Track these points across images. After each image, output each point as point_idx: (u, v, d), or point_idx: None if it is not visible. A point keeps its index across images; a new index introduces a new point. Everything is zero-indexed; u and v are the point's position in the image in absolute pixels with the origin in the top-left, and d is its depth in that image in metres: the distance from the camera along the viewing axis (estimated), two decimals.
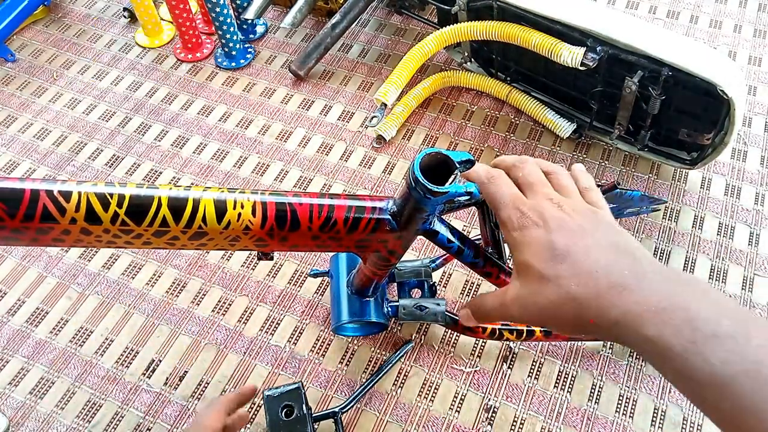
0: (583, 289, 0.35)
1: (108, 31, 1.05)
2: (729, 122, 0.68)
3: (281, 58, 0.99)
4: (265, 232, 0.39)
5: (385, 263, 0.48)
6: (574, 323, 0.36)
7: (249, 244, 0.40)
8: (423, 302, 0.58)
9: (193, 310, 0.73)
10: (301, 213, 0.39)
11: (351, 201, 0.41)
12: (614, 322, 0.34)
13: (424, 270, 0.63)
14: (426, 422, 0.64)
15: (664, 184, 0.81)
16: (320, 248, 0.43)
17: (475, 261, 0.47)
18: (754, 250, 0.75)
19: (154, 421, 0.65)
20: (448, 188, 0.37)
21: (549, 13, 0.73)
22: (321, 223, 0.40)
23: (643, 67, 0.70)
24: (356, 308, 0.58)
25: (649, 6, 1.02)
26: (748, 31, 0.98)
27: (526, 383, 0.66)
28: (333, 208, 0.40)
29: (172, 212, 0.36)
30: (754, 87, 0.91)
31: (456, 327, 0.60)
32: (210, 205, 0.37)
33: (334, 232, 0.41)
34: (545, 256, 0.37)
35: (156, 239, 0.37)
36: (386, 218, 0.42)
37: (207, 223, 0.37)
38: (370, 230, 0.42)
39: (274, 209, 0.39)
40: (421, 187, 0.37)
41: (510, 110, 0.90)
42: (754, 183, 0.81)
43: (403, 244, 0.45)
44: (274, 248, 0.42)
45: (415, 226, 0.42)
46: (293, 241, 0.41)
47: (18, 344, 0.71)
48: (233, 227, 0.38)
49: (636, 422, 0.63)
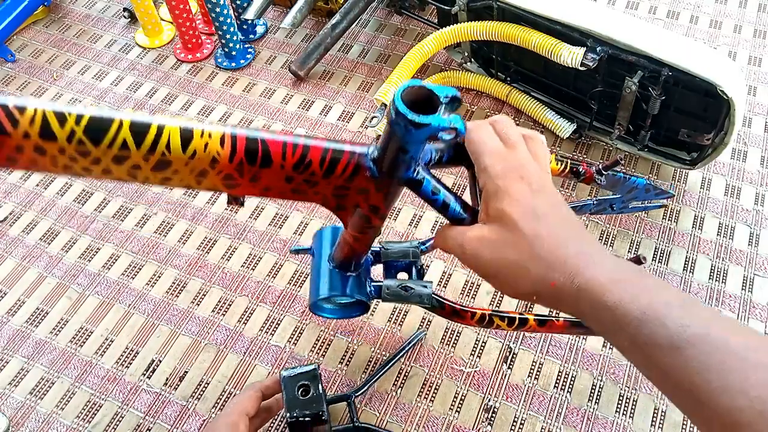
0: (554, 253, 0.37)
1: (108, 32, 1.05)
2: (729, 122, 0.68)
3: (281, 59, 0.99)
4: (234, 166, 0.36)
5: (367, 225, 0.45)
6: (533, 283, 0.37)
7: (217, 183, 0.37)
8: (409, 283, 0.55)
9: (193, 310, 0.73)
10: (274, 149, 0.37)
11: (329, 143, 0.38)
12: (577, 288, 0.36)
13: (412, 251, 0.59)
14: (426, 422, 0.64)
15: (664, 184, 0.81)
16: (295, 195, 0.40)
17: (462, 217, 0.43)
18: (754, 250, 0.75)
19: (154, 422, 0.65)
20: (431, 119, 0.34)
21: (549, 14, 0.73)
22: (295, 161, 0.37)
23: (643, 67, 0.70)
24: (336, 283, 0.53)
25: (649, 6, 1.02)
26: (748, 31, 0.98)
27: (526, 383, 0.66)
28: (308, 148, 0.38)
29: (134, 135, 0.34)
30: (754, 87, 0.91)
31: (443, 311, 0.56)
32: (175, 132, 0.34)
33: (309, 174, 0.38)
34: (527, 212, 0.38)
35: (116, 166, 0.35)
36: (366, 163, 0.39)
37: (171, 150, 0.34)
38: (348, 175, 0.39)
39: (245, 142, 0.36)
40: (402, 119, 0.34)
41: (510, 110, 0.90)
42: (754, 183, 0.81)
43: (386, 197, 0.41)
44: (244, 190, 0.39)
45: (397, 172, 0.39)
46: (265, 181, 0.38)
47: (18, 344, 0.72)
48: (199, 157, 0.35)
49: (636, 422, 0.63)
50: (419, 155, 0.38)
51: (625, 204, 0.66)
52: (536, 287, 0.37)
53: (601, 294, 0.35)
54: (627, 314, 0.34)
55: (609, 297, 0.34)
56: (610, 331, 0.35)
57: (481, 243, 0.39)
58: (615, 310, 0.34)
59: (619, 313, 0.34)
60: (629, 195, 0.65)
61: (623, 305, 0.34)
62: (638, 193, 0.64)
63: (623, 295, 0.34)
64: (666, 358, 0.32)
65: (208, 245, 0.78)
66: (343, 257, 0.52)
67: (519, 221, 0.37)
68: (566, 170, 0.57)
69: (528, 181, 0.39)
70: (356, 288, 0.54)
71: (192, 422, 0.65)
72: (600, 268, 0.36)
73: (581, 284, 0.35)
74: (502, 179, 0.38)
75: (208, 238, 0.79)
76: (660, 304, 0.33)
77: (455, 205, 0.43)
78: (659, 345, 0.32)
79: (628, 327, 0.34)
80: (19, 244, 0.80)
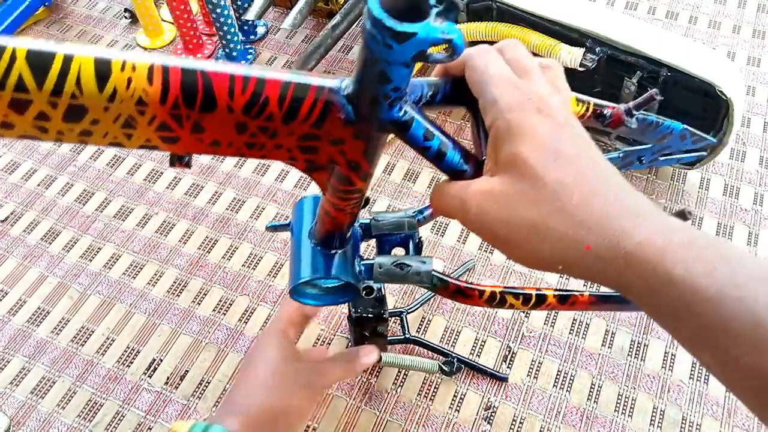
0: (589, 206, 0.28)
1: (109, 32, 1.05)
2: (728, 122, 0.68)
3: (282, 59, 0.99)
4: (168, 110, 0.28)
5: (348, 187, 0.37)
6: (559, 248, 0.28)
7: (151, 136, 0.30)
8: (405, 260, 0.46)
9: (194, 309, 0.73)
10: (217, 83, 0.28)
11: (290, 75, 0.30)
12: (624, 253, 0.27)
13: (408, 222, 0.51)
14: (426, 421, 0.64)
15: (663, 184, 0.81)
16: (252, 150, 0.32)
17: (461, 169, 0.34)
18: (753, 250, 0.75)
19: (155, 421, 0.66)
20: (417, 27, 0.25)
21: (548, 14, 0.73)
22: (246, 100, 0.29)
23: (642, 67, 0.70)
24: (319, 263, 0.45)
25: (648, 6, 1.02)
26: (747, 31, 0.98)
27: (525, 382, 0.66)
28: (263, 82, 0.29)
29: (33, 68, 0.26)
30: (753, 87, 0.91)
31: (445, 291, 0.48)
32: (88, 63, 0.26)
33: (266, 119, 0.30)
34: (548, 153, 0.28)
35: (16, 116, 0.27)
36: (338, 101, 0.30)
37: (83, 89, 0.27)
38: (315, 118, 0.30)
39: (179, 75, 0.28)
40: (379, 29, 0.25)
41: None
42: (753, 183, 0.81)
43: (367, 148, 0.33)
44: (187, 145, 0.30)
45: (378, 111, 0.30)
46: (212, 131, 0.30)
47: (19, 344, 0.72)
48: (122, 99, 0.27)
49: (635, 421, 0.64)
50: (405, 85, 0.30)
51: (656, 156, 0.57)
52: (564, 253, 0.28)
53: (661, 263, 0.26)
54: (698, 291, 0.25)
55: (673, 267, 0.25)
56: (669, 313, 0.27)
57: (490, 198, 0.29)
58: (681, 285, 0.25)
59: (686, 289, 0.25)
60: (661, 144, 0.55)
61: (693, 280, 0.25)
62: (672, 141, 0.54)
63: (694, 266, 0.25)
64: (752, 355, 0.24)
65: (209, 245, 0.78)
66: (325, 231, 0.44)
67: (538, 166, 0.28)
68: (589, 113, 0.46)
69: (549, 113, 0.29)
70: (343, 268, 0.46)
71: None
72: (656, 226, 0.27)
73: (630, 249, 0.26)
74: (515, 112, 0.29)
75: (209, 237, 0.79)
76: (746, 278, 0.24)
77: (453, 154, 0.33)
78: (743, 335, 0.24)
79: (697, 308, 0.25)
80: (20, 244, 0.80)
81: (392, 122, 0.31)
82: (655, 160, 0.58)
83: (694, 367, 0.67)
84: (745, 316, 0.24)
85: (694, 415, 0.64)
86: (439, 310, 0.72)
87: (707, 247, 0.26)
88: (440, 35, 0.26)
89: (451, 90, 0.35)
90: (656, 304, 0.27)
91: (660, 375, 0.66)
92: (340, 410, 0.65)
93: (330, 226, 0.43)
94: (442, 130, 0.33)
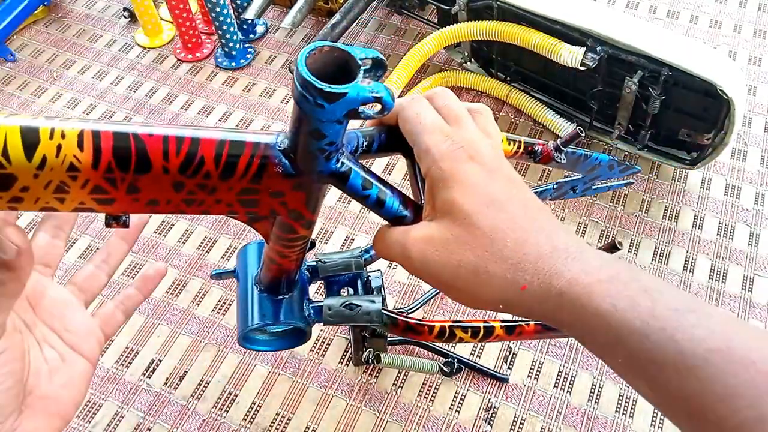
0: (522, 248, 0.29)
1: (108, 31, 1.05)
2: (729, 122, 0.68)
3: (281, 58, 0.99)
4: (102, 174, 0.28)
5: (292, 235, 0.37)
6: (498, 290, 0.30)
7: (85, 199, 0.29)
8: (354, 300, 0.47)
9: (193, 309, 0.73)
10: (151, 146, 0.28)
11: (224, 133, 0.30)
12: (558, 292, 0.28)
13: (355, 262, 0.51)
14: (426, 422, 0.64)
15: (664, 184, 0.81)
16: (191, 207, 0.31)
17: (402, 215, 0.34)
18: (754, 250, 0.75)
19: (154, 421, 0.65)
20: (346, 87, 0.26)
21: (549, 13, 0.73)
22: (181, 161, 0.29)
23: (643, 67, 0.70)
24: (267, 309, 0.45)
25: (649, 6, 1.02)
26: (748, 31, 0.98)
27: (525, 383, 0.66)
28: (198, 142, 0.29)
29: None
30: (754, 87, 0.91)
31: (396, 328, 0.49)
32: (13, 133, 0.26)
33: (203, 176, 0.30)
34: (482, 199, 0.30)
35: None
36: (275, 156, 0.30)
37: (11, 159, 0.26)
38: (254, 173, 0.30)
39: (111, 140, 0.27)
40: (310, 90, 0.26)
41: (510, 110, 0.90)
42: (754, 183, 0.81)
43: (307, 198, 0.33)
44: (123, 206, 0.30)
45: (315, 164, 0.31)
46: (148, 191, 0.29)
47: None
48: (52, 166, 0.27)
49: (636, 422, 0.63)
50: (340, 139, 0.30)
51: (588, 185, 0.60)
52: (502, 294, 0.30)
53: (589, 299, 0.28)
54: (625, 324, 0.27)
55: (600, 303, 0.27)
56: (601, 344, 0.29)
57: (430, 244, 0.31)
58: (609, 319, 0.27)
59: (614, 323, 0.27)
60: (591, 174, 0.58)
61: (620, 314, 0.27)
62: (601, 171, 0.57)
63: (619, 301, 0.27)
64: (677, 381, 0.25)
65: (208, 245, 0.78)
66: (271, 278, 0.44)
67: (473, 212, 0.30)
68: (520, 151, 0.48)
69: (480, 161, 0.31)
70: (291, 313, 0.46)
71: (192, 422, 0.65)
72: (583, 264, 0.29)
73: (561, 287, 0.28)
74: (448, 161, 0.31)
75: (208, 237, 0.79)
76: (666, 309, 0.27)
77: (392, 201, 0.34)
78: (667, 363, 0.26)
79: (625, 340, 0.27)
80: None
81: (330, 174, 0.32)
82: (588, 189, 0.61)
83: None
84: (669, 345, 0.26)
85: None
86: (440, 310, 0.71)
87: (630, 281, 0.28)
88: (369, 94, 0.27)
89: (386, 138, 0.36)
90: (590, 338, 0.29)
91: None
92: (340, 411, 0.65)
93: (276, 273, 0.43)
94: (379, 178, 0.34)
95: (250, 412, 0.65)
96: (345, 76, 0.27)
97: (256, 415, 0.65)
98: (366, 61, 0.28)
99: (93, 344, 0.39)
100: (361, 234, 0.79)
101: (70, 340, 0.38)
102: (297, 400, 0.66)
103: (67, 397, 0.36)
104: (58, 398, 0.35)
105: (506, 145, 0.46)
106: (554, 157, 0.51)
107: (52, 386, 0.35)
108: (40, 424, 0.34)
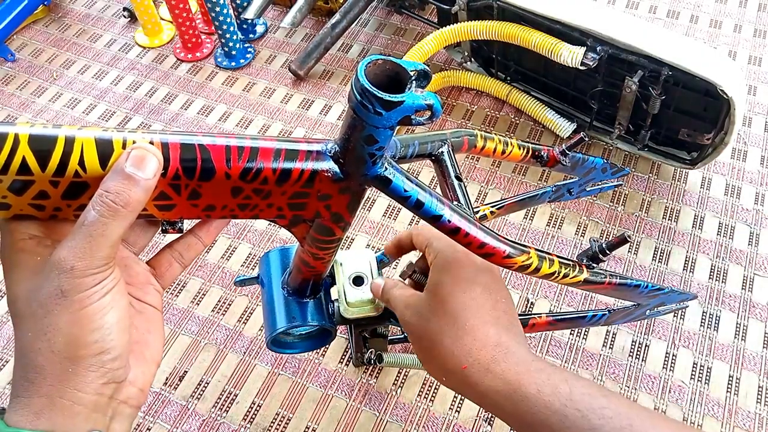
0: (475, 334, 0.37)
1: (108, 31, 1.05)
2: (729, 122, 0.68)
3: (281, 58, 0.99)
4: (169, 182, 0.30)
5: (329, 237, 0.39)
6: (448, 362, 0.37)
7: (148, 205, 0.31)
8: None
9: (192, 309, 0.73)
10: (216, 155, 0.30)
11: (280, 142, 0.33)
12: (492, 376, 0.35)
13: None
14: (426, 422, 0.64)
15: (664, 183, 0.81)
16: (244, 211, 0.34)
17: (438, 214, 0.37)
18: (754, 250, 0.75)
19: (154, 421, 0.65)
20: (404, 96, 0.28)
21: (549, 13, 0.73)
22: (242, 168, 0.31)
23: (643, 66, 0.70)
24: (295, 311, 0.47)
25: (649, 6, 1.02)
26: (748, 30, 0.98)
27: None
28: (257, 150, 0.32)
29: (36, 153, 0.27)
30: (754, 87, 0.91)
31: None
32: (90, 144, 0.28)
33: (261, 182, 0.32)
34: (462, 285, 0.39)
35: (16, 198, 0.28)
36: (325, 160, 0.33)
37: (86, 168, 0.28)
38: (306, 179, 0.33)
39: (179, 150, 0.30)
40: (370, 98, 0.28)
41: (510, 110, 0.90)
42: (754, 183, 0.81)
43: (350, 202, 0.36)
44: (182, 211, 0.33)
45: (363, 168, 0.33)
46: (208, 197, 0.32)
47: None
48: None
49: None
50: (387, 145, 0.33)
51: (583, 187, 0.63)
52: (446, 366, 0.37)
53: (518, 385, 0.34)
54: (547, 406, 0.33)
55: (528, 388, 0.34)
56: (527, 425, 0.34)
57: (410, 306, 0.40)
58: (534, 401, 0.33)
59: (539, 404, 0.33)
60: (586, 177, 0.61)
61: (543, 398, 0.33)
62: (595, 174, 0.61)
63: (543, 387, 0.33)
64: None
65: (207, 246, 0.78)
66: (302, 280, 0.46)
67: (451, 291, 0.38)
68: (528, 155, 0.53)
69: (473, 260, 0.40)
70: (319, 314, 0.48)
71: (192, 422, 0.65)
72: (518, 357, 0.36)
73: (498, 373, 0.35)
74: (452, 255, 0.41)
75: None
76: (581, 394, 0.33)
77: (430, 202, 0.37)
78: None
79: (549, 421, 0.32)
80: None
81: (375, 177, 0.35)
82: (582, 191, 0.65)
83: (694, 367, 0.66)
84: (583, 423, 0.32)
85: (695, 416, 0.64)
86: None
87: (554, 372, 0.34)
88: (423, 101, 0.29)
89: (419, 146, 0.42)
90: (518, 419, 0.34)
91: (661, 375, 0.66)
92: (340, 410, 0.65)
93: (307, 275, 0.45)
94: (417, 182, 0.37)
95: (250, 412, 0.65)
96: (394, 87, 0.29)
97: (256, 415, 0.65)
98: (413, 72, 0.30)
99: (155, 294, 0.40)
100: (361, 234, 0.79)
101: (136, 293, 0.38)
102: (297, 400, 0.66)
103: (153, 341, 0.36)
104: (148, 343, 0.36)
105: (517, 150, 0.52)
106: (560, 161, 0.55)
107: (139, 333, 0.35)
108: (143, 368, 0.34)
